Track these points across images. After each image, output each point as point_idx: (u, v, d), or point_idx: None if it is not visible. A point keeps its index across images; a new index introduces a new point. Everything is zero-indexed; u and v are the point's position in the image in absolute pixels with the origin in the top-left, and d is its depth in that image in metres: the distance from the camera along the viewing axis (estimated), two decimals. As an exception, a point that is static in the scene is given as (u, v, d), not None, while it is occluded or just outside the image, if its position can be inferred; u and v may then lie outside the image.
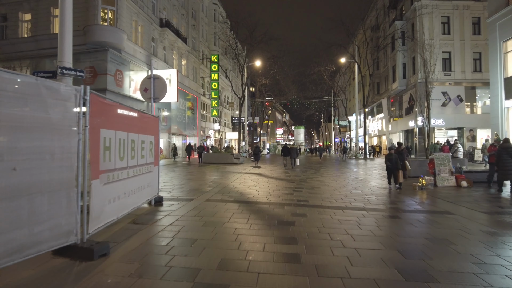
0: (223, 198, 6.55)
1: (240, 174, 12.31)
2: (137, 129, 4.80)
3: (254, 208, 5.52)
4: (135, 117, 4.78)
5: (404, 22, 30.39)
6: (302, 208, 5.65)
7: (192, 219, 4.68)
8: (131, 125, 4.57)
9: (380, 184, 9.80)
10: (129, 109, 4.50)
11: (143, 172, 5.06)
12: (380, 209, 5.84)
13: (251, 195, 7.04)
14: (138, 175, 4.84)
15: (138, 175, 4.82)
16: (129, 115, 4.54)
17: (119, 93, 19.45)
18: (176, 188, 7.94)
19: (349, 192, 7.80)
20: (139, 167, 4.89)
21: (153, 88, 5.77)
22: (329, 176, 12.03)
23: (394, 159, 8.64)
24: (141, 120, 5.02)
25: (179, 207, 5.55)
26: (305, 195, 7.20)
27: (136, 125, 4.79)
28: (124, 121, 4.30)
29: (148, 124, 5.38)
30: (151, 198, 5.56)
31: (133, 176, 4.60)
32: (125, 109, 4.40)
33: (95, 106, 3.36)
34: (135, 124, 4.78)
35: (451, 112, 28.45)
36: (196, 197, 6.52)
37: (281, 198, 6.64)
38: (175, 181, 9.70)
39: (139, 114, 4.95)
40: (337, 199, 6.72)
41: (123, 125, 4.23)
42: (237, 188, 8.18)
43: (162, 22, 25.22)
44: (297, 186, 8.68)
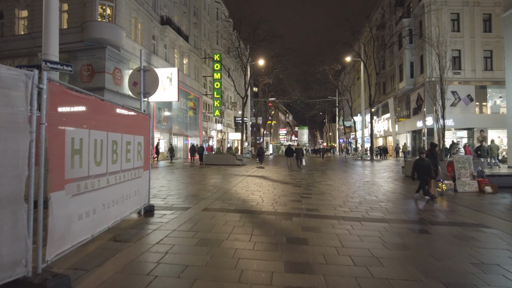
0: (223, 206, 5.82)
1: (243, 177, 11.58)
2: (121, 128, 4.09)
3: (258, 220, 4.78)
4: (118, 114, 4.06)
5: (412, 19, 29.51)
6: (314, 220, 4.90)
7: (184, 235, 3.95)
8: (113, 123, 3.85)
9: (393, 188, 9.02)
10: (110, 104, 3.78)
11: (128, 178, 4.35)
12: (402, 220, 5.08)
13: (254, 202, 6.30)
14: (122, 182, 4.12)
15: (122, 182, 4.10)
16: (110, 112, 3.82)
17: (117, 92, 18.81)
18: (172, 194, 7.22)
19: (363, 199, 7.04)
20: (124, 173, 4.17)
21: (143, 82, 5.05)
22: (338, 179, 11.26)
23: (426, 165, 6.95)
24: (126, 117, 4.30)
25: (171, 218, 4.83)
26: (314, 202, 6.44)
27: (120, 123, 4.07)
28: (103, 118, 3.58)
29: (136, 123, 4.66)
30: (139, 207, 4.84)
31: (115, 184, 3.89)
32: (105, 104, 3.68)
33: (57, 98, 2.63)
34: (119, 122, 4.06)
35: (460, 112, 27.51)
36: (192, 206, 5.79)
37: (289, 207, 5.89)
38: (172, 185, 8.99)
39: (125, 110, 4.23)
40: (352, 208, 5.97)
41: (101, 123, 3.52)
42: (239, 193, 7.44)
43: (163, 20, 24.59)
44: (305, 192, 7.92)
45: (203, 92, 34.81)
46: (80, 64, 17.91)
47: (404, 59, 30.96)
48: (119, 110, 4.07)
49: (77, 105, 2.99)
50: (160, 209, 5.54)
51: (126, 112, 4.30)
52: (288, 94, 43.52)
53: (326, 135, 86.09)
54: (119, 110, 4.07)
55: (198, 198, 6.68)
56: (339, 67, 39.29)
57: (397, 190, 8.76)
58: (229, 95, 45.91)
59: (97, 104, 3.43)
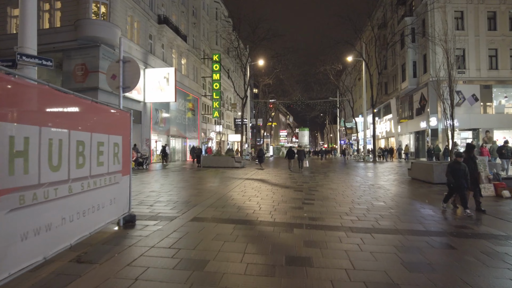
0: (215, 215, 5.17)
1: (241, 181, 10.94)
2: (91, 126, 3.47)
3: (253, 233, 4.13)
4: (87, 109, 3.43)
5: (414, 18, 28.91)
6: (318, 232, 4.26)
7: (164, 253, 3.31)
8: (78, 120, 3.23)
9: (401, 192, 8.37)
10: (73, 97, 3.16)
11: (101, 185, 3.72)
12: (418, 231, 4.43)
13: (250, 210, 5.65)
14: (92, 189, 3.49)
15: (91, 189, 3.47)
16: (74, 106, 3.19)
17: (112, 92, 18.18)
18: (161, 201, 6.58)
19: (371, 205, 6.39)
20: (95, 179, 3.54)
21: (122, 74, 4.44)
22: (341, 182, 10.62)
23: (462, 171, 5.71)
24: (98, 114, 3.68)
25: (153, 230, 4.19)
26: (318, 209, 5.80)
27: (88, 121, 3.45)
28: (63, 113, 2.96)
29: (112, 120, 4.04)
30: (117, 218, 4.20)
31: (81, 192, 3.26)
32: (65, 97, 3.05)
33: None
34: (88, 119, 3.44)
35: (465, 112, 26.79)
36: (180, 215, 5.15)
37: (289, 215, 5.25)
38: (163, 189, 8.36)
39: (96, 106, 3.61)
40: (359, 216, 5.32)
41: (60, 120, 2.90)
42: (235, 199, 6.80)
43: (160, 19, 24.04)
44: (306, 197, 7.28)
45: (202, 93, 34.23)
46: (73, 64, 17.34)
47: (406, 58, 30.34)
48: (88, 105, 3.44)
49: (17, 95, 2.37)
50: (143, 218, 4.90)
51: (98, 108, 3.68)
52: (288, 95, 42.94)
53: (327, 137, 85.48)
54: (88, 105, 3.44)
55: (189, 205, 6.04)
56: (340, 67, 38.71)
57: (405, 194, 8.11)
58: (228, 96, 45.34)
59: (53, 96, 2.80)
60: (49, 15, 18.26)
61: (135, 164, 17.57)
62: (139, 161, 17.58)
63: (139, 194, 7.44)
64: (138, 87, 21.26)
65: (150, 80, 21.93)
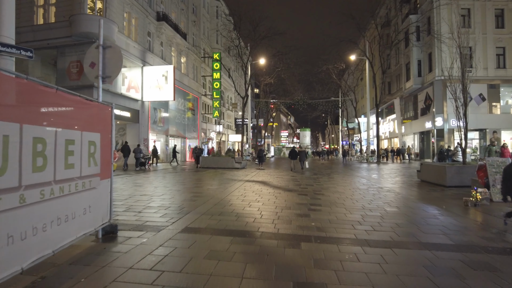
0: (210, 224, 4.53)
1: (241, 183, 10.31)
2: (55, 120, 2.84)
3: (253, 249, 3.49)
4: (49, 100, 2.80)
5: (419, 15, 28.23)
6: (329, 246, 3.62)
7: (141, 278, 2.67)
8: (36, 113, 2.60)
9: (414, 196, 7.72)
10: (27, 82, 2.52)
11: (71, 191, 3.08)
12: (446, 245, 3.79)
13: (251, 218, 5.01)
14: (58, 197, 2.86)
15: (56, 197, 2.84)
16: (28, 95, 2.56)
17: (108, 90, 17.63)
18: (152, 206, 5.95)
19: (384, 211, 5.75)
20: (62, 184, 2.91)
21: (102, 62, 3.82)
22: (347, 185, 9.97)
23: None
24: (66, 105, 3.04)
25: (135, 245, 3.55)
26: (326, 217, 5.16)
27: (52, 114, 2.82)
28: (10, 102, 2.33)
29: (86, 114, 3.41)
30: (93, 229, 3.56)
31: (40, 202, 2.62)
32: (16, 82, 2.42)
33: None
34: (51, 112, 2.81)
35: (472, 112, 25.76)
36: (170, 224, 4.51)
37: (294, 225, 4.61)
38: (156, 193, 7.73)
39: (63, 96, 2.97)
40: (374, 225, 4.68)
41: (6, 109, 2.27)
42: (234, 205, 6.16)
43: (159, 16, 23.44)
44: (312, 202, 6.63)
45: (202, 93, 33.62)
46: (68, 61, 16.77)
47: (411, 57, 29.67)
48: (52, 95, 2.81)
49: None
50: (127, 228, 4.27)
51: (68, 99, 3.05)
52: (290, 94, 42.31)
53: (328, 137, 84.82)
54: (52, 95, 2.81)
55: (182, 211, 5.40)
56: (343, 66, 38.04)
57: (418, 198, 7.46)
58: (229, 96, 44.73)
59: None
60: (44, 10, 17.70)
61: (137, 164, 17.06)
62: (141, 161, 17.05)
63: (129, 198, 6.81)
64: (135, 85, 20.67)
65: (148, 79, 21.33)
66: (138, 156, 17.02)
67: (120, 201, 6.40)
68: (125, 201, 6.43)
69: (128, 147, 17.61)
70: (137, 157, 17.05)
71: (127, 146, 17.67)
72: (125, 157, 17.35)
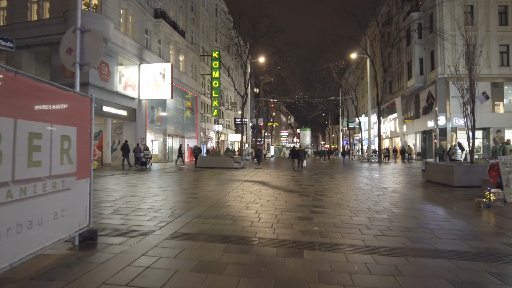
0: (202, 229, 4.10)
1: (239, 183, 9.89)
2: (14, 110, 2.41)
3: (249, 258, 3.06)
4: (8, 84, 2.38)
5: (421, 13, 27.82)
6: (336, 255, 3.19)
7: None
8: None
9: (420, 197, 7.30)
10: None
11: (36, 193, 2.66)
12: (467, 253, 3.37)
13: (247, 221, 4.59)
14: (18, 200, 2.44)
15: (16, 200, 2.41)
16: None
17: (104, 88, 17.22)
18: (141, 208, 5.52)
19: (392, 214, 5.33)
20: (23, 185, 2.49)
21: (79, 47, 3.39)
22: (350, 185, 9.55)
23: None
24: (29, 93, 2.61)
25: (115, 253, 3.13)
26: (330, 220, 4.73)
27: (9, 102, 2.39)
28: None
29: (57, 105, 2.98)
30: (67, 236, 3.14)
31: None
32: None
33: None
34: (7, 99, 2.38)
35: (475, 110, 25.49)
36: (158, 228, 4.09)
37: (296, 229, 4.18)
38: (149, 194, 7.31)
39: (26, 82, 2.55)
40: (383, 229, 4.25)
41: None
42: (230, 206, 5.74)
43: (157, 13, 23.01)
44: (314, 203, 6.21)
45: (201, 91, 33.19)
46: (62, 58, 16.31)
47: (413, 55, 29.27)
48: (11, 79, 2.38)
49: None
50: (110, 233, 3.84)
51: (31, 86, 2.62)
52: (290, 93, 41.89)
53: (329, 137, 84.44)
54: (11, 79, 2.38)
55: (173, 214, 4.97)
56: (344, 64, 37.61)
57: (426, 199, 7.04)
58: (229, 95, 44.33)
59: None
60: (37, 6, 17.28)
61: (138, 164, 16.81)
62: (142, 160, 16.73)
63: (119, 199, 6.39)
64: (132, 83, 20.24)
65: (145, 76, 20.90)
66: (138, 156, 16.79)
67: (109, 202, 5.98)
68: (114, 202, 6.01)
69: (128, 146, 17.31)
70: (138, 156, 16.82)
71: (127, 145, 17.37)
72: (124, 156, 17.07)
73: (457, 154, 16.44)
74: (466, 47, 10.60)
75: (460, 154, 17.54)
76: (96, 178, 10.80)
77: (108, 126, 18.16)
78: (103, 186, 8.62)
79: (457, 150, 16.61)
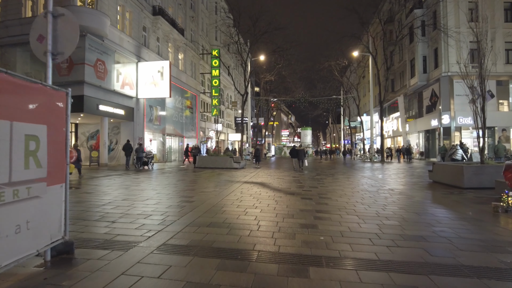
0: (194, 240, 3.66)
1: (238, 184, 9.45)
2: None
3: (245, 280, 2.61)
4: None
5: (425, 10, 27.30)
6: (347, 273, 2.75)
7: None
8: None
9: (430, 200, 6.85)
10: None
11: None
12: (499, 270, 2.92)
13: (246, 230, 4.15)
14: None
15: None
16: None
17: (100, 86, 16.79)
18: (130, 214, 5.09)
19: (403, 220, 4.88)
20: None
21: (51, 34, 2.95)
22: (354, 187, 9.11)
23: None
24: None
25: (91, 271, 2.69)
26: (337, 228, 4.29)
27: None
28: None
29: (19, 99, 2.54)
30: (34, 252, 2.70)
31: None
32: None
33: None
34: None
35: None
36: (145, 239, 3.65)
37: (299, 240, 3.73)
38: (142, 196, 6.88)
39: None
40: (397, 240, 3.81)
41: None
42: (227, 212, 5.30)
43: (155, 10, 22.57)
44: (318, 208, 5.77)
45: (201, 90, 32.74)
46: (57, 55, 15.87)
47: (416, 53, 28.74)
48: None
49: None
50: (91, 245, 3.41)
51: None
52: (291, 92, 41.42)
53: (330, 136, 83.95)
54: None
55: (164, 221, 4.53)
56: (346, 62, 37.13)
57: (436, 202, 6.59)
58: (229, 94, 43.89)
59: None
60: (32, 2, 16.84)
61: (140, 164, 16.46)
62: (144, 160, 16.37)
63: (108, 203, 5.95)
64: (130, 82, 19.81)
65: (143, 75, 20.47)
66: (140, 156, 16.49)
67: (97, 207, 5.55)
68: (102, 207, 5.57)
69: (130, 146, 17.00)
70: (140, 156, 16.53)
71: (130, 145, 17.06)
72: (127, 156, 16.82)
73: (457, 153, 16.53)
74: (476, 42, 10.09)
75: (460, 154, 17.39)
76: (89, 180, 10.38)
77: (105, 126, 17.74)
78: (94, 189, 8.20)
79: (457, 150, 16.74)
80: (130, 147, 16.95)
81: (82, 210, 5.26)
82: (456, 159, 16.38)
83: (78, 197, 6.70)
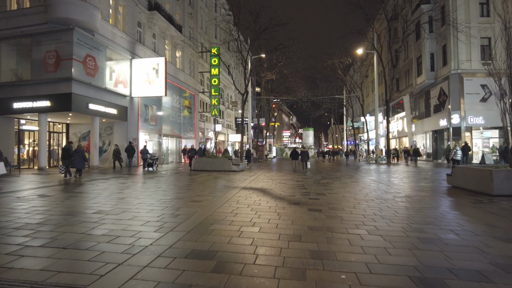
0: (166, 277, 2.59)
1: (235, 191, 8.37)
2: None
3: None
4: None
5: (432, 5, 26.20)
6: None
7: None
8: None
9: (459, 210, 5.73)
10: None
11: None
12: None
13: (238, 263, 3.05)
14: None
15: None
16: None
17: (90, 83, 15.77)
18: (91, 235, 4.01)
19: (442, 243, 3.79)
20: None
21: None
22: (367, 194, 8.01)
23: None
24: None
25: None
26: (361, 259, 3.21)
27: None
28: None
29: None
30: None
31: None
32: None
33: None
34: None
35: (489, 108, 23.88)
36: (107, 272, 2.59)
37: (312, 282, 2.64)
38: (118, 208, 5.81)
39: None
40: (445, 277, 2.72)
41: None
42: (216, 232, 4.20)
43: (151, 5, 21.59)
44: (331, 224, 4.68)
45: (200, 90, 31.70)
46: (44, 50, 14.92)
47: (423, 50, 27.62)
48: None
49: None
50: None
51: None
52: (292, 92, 40.34)
53: (332, 137, 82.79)
54: None
55: (129, 249, 3.42)
56: (349, 60, 36.02)
57: (468, 214, 5.48)
58: (229, 94, 42.85)
59: None
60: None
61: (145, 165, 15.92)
62: (149, 162, 15.73)
63: (71, 218, 4.87)
64: (124, 80, 18.78)
65: (137, 72, 19.44)
66: (145, 157, 15.80)
67: (52, 225, 4.44)
68: (60, 224, 4.50)
69: (133, 148, 16.43)
70: (144, 158, 15.87)
71: (132, 147, 16.46)
72: (129, 158, 16.15)
73: (458, 154, 16.73)
74: (505, 31, 8.99)
75: (460, 155, 17.02)
76: (72, 186, 9.33)
77: (96, 126, 16.71)
78: (72, 198, 7.13)
79: (457, 151, 16.81)
80: (133, 148, 16.51)
81: (34, 229, 4.19)
82: (456, 159, 16.66)
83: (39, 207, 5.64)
